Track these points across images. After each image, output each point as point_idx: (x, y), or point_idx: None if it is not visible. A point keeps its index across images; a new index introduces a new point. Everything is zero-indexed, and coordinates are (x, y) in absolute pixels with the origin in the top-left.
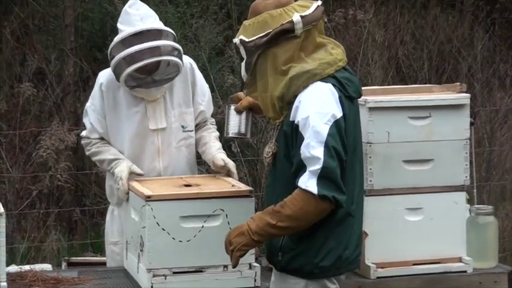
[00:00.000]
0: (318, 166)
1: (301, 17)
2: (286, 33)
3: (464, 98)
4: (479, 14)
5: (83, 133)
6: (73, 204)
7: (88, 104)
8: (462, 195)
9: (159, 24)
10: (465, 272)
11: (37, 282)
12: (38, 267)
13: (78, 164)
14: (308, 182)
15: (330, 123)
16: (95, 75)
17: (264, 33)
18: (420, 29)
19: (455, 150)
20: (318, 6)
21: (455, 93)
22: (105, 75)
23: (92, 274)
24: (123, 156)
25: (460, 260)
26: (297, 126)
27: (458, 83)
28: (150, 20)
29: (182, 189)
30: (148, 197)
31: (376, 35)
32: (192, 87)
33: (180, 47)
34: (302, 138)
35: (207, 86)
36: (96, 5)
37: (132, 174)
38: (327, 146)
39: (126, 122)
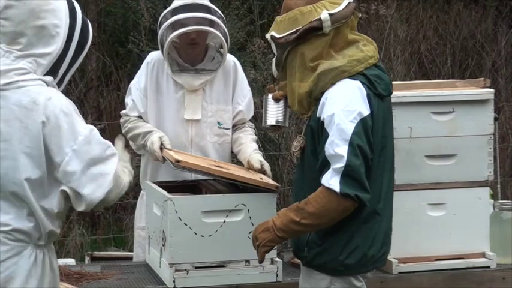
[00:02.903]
0: (341, 164)
1: (330, 14)
2: (314, 30)
3: (488, 93)
4: (502, 9)
5: (123, 111)
6: None
7: (133, 82)
8: (486, 191)
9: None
10: (488, 267)
11: (61, 276)
12: (62, 261)
13: None
14: (331, 180)
15: (356, 121)
16: (118, 70)
17: (293, 30)
18: (443, 24)
19: (479, 145)
20: (349, 3)
21: (479, 88)
22: (153, 55)
23: (115, 269)
24: (156, 129)
25: (483, 255)
26: (323, 122)
27: (481, 78)
28: (204, 1)
29: (212, 166)
30: (178, 161)
31: (398, 30)
32: (233, 86)
33: (226, 29)
34: (327, 136)
35: (249, 89)
36: (119, 1)
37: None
38: (352, 144)
39: (163, 107)
